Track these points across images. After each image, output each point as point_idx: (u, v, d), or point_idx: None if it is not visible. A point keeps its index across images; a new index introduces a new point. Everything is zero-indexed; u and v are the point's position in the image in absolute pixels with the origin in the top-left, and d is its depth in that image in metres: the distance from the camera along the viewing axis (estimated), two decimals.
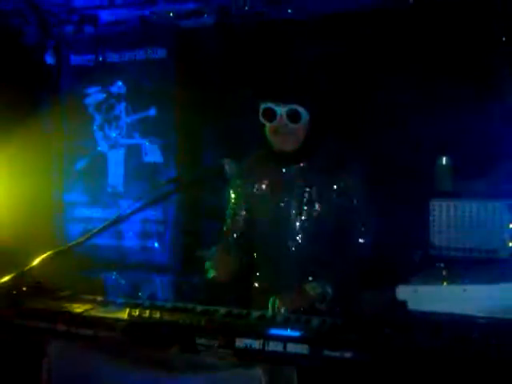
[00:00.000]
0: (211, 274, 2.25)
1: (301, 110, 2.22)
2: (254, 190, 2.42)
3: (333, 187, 2.30)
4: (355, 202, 2.31)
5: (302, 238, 2.32)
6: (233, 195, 2.50)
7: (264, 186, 2.40)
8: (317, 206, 2.31)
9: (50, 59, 4.44)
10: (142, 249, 4.20)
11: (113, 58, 4.28)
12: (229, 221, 2.51)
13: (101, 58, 4.30)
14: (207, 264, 2.25)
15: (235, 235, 2.47)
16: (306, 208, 2.32)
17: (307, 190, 2.31)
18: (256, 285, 2.46)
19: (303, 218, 2.32)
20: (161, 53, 4.14)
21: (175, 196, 4.01)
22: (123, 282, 4.10)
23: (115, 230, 4.11)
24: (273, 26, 3.72)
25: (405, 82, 3.26)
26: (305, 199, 2.32)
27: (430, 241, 2.77)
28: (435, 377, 1.59)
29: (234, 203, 2.49)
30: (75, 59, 4.40)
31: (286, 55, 3.54)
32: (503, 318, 1.70)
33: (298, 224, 2.32)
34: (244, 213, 2.46)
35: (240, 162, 2.37)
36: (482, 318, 1.70)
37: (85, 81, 4.37)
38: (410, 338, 1.62)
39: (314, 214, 2.31)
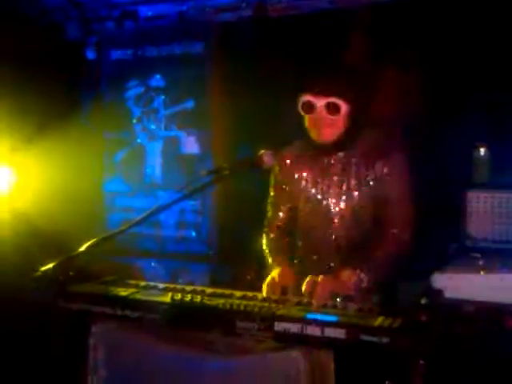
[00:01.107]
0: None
1: (339, 102, 2.25)
2: (295, 181, 2.46)
3: (371, 177, 2.32)
4: (392, 192, 2.33)
5: (340, 227, 2.36)
6: (274, 187, 2.55)
7: (304, 176, 2.44)
8: (355, 196, 2.34)
9: (91, 54, 4.56)
10: (179, 238, 4.29)
11: (152, 52, 4.37)
12: (270, 213, 2.56)
13: (140, 53, 4.40)
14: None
15: (278, 227, 2.52)
16: (344, 197, 2.36)
17: (345, 179, 2.35)
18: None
19: (342, 207, 2.36)
20: (198, 47, 4.22)
21: (212, 187, 4.09)
22: (161, 270, 4.20)
23: (154, 219, 4.22)
24: (309, 18, 3.74)
25: (444, 70, 3.24)
26: (343, 189, 2.35)
27: (466, 232, 2.77)
28: (471, 363, 1.61)
29: (276, 195, 2.54)
30: (115, 54, 4.51)
31: (322, 47, 3.55)
32: None
33: (337, 213, 2.36)
34: (287, 205, 2.51)
35: (278, 153, 2.41)
36: None
37: (124, 75, 4.47)
38: (446, 325, 1.64)
39: (353, 203, 2.35)
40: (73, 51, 4.55)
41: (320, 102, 2.25)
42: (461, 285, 1.79)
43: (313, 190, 2.41)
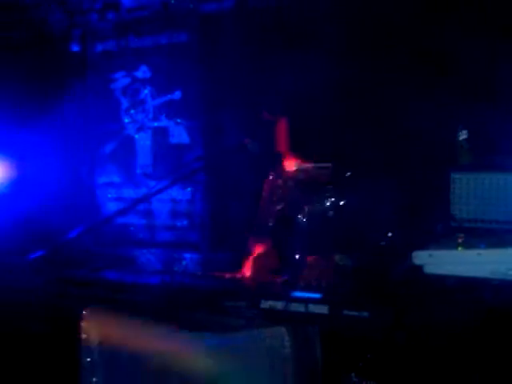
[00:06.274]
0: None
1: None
2: None
3: None
4: None
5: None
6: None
7: None
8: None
9: (75, 47, 4.56)
10: (171, 227, 4.32)
11: (136, 43, 4.38)
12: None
13: (123, 44, 4.41)
14: None
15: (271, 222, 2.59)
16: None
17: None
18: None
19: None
20: (183, 37, 4.22)
21: (203, 176, 4.13)
22: (154, 259, 4.24)
23: (146, 209, 4.26)
24: (291, 8, 3.76)
25: (427, 57, 3.28)
26: None
27: (451, 213, 2.83)
28: (450, 337, 1.67)
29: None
30: (100, 45, 4.52)
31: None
32: None
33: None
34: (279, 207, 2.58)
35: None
36: (495, 280, 1.77)
37: (110, 66, 4.48)
38: (425, 299, 1.70)
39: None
40: (58, 45, 4.55)
41: None
42: (440, 261, 1.84)
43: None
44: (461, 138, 3.25)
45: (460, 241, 2.00)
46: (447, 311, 1.62)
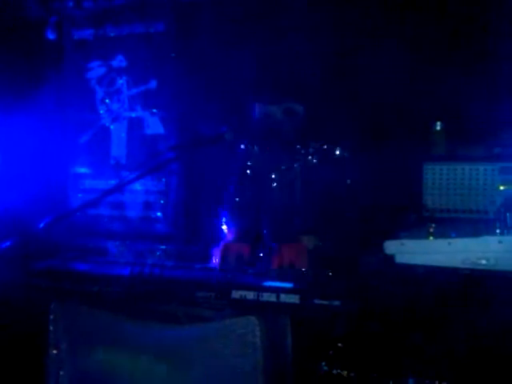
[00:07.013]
0: None
1: (297, 106, 2.30)
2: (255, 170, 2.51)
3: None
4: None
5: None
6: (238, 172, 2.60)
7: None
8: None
9: (51, 34, 4.48)
10: (144, 219, 4.29)
11: (113, 31, 4.32)
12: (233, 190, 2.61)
13: (101, 32, 4.35)
14: None
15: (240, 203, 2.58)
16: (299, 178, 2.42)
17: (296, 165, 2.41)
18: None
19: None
20: (159, 26, 4.18)
21: (177, 167, 4.10)
22: (126, 250, 4.20)
23: (119, 200, 4.22)
24: None
25: (398, 46, 3.29)
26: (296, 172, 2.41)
27: (423, 203, 2.85)
28: (418, 325, 1.68)
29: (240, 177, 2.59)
30: (76, 34, 4.45)
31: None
32: (486, 269, 1.78)
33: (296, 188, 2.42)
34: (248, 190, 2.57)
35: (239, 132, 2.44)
36: (466, 269, 1.79)
37: (86, 55, 4.42)
38: (395, 288, 1.71)
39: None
40: (33, 32, 4.46)
41: (277, 109, 2.30)
42: (411, 250, 1.85)
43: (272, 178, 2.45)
44: (435, 129, 3.27)
45: (431, 230, 2.01)
46: (417, 300, 1.62)
